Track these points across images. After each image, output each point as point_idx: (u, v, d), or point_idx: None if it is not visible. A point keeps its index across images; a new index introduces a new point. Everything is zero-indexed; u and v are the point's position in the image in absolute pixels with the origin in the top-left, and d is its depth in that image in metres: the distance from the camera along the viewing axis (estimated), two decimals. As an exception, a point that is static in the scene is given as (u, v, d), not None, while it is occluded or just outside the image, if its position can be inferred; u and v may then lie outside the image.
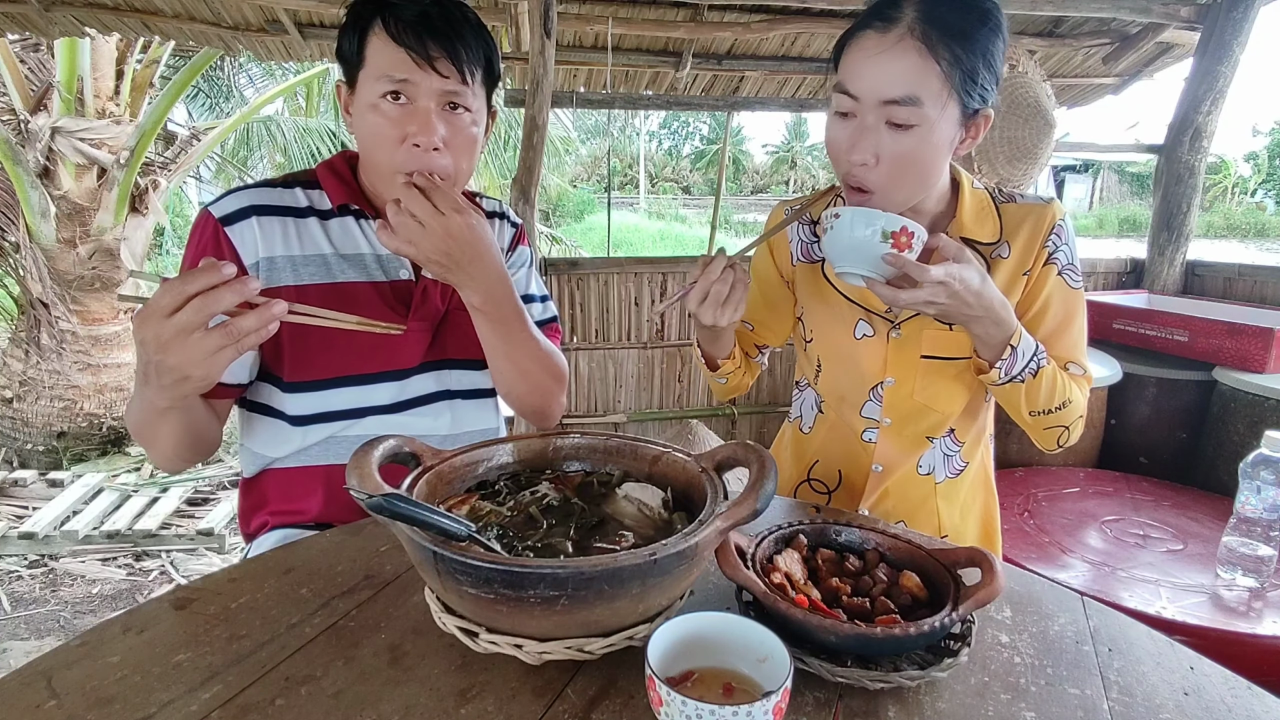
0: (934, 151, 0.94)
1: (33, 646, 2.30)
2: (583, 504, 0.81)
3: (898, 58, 0.89)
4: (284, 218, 1.05)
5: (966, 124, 0.95)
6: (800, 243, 1.19)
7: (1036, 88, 2.58)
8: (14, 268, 3.87)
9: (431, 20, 0.96)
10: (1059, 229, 1.04)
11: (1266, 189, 29.01)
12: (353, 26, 0.98)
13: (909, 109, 0.89)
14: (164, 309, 0.71)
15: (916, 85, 0.89)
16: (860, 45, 0.92)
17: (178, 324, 0.71)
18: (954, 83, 0.90)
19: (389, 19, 0.96)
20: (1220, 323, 2.51)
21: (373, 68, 0.97)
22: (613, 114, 4.02)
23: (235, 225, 1.01)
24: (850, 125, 0.95)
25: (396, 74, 0.96)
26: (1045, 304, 1.06)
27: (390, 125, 0.97)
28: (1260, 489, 1.57)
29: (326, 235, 1.07)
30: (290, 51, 2.89)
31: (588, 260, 3.17)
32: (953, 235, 1.05)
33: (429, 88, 0.97)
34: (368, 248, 1.09)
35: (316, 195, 1.08)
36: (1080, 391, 1.07)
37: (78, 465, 3.66)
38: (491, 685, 0.65)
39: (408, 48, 0.95)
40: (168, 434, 0.93)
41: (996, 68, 0.93)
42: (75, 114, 3.73)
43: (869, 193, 0.96)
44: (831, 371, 1.18)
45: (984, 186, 1.09)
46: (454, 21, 0.98)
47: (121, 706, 0.61)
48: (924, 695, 0.66)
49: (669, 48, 3.15)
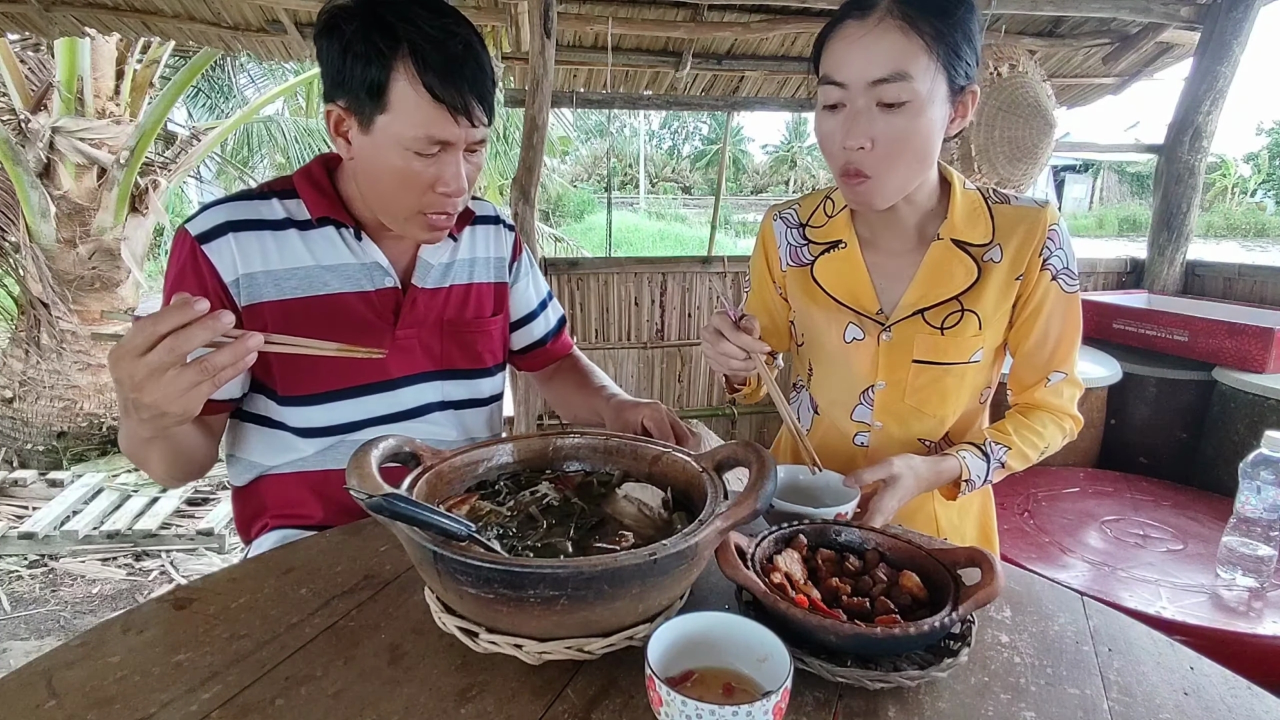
0: (928, 128, 0.93)
1: (33, 646, 2.30)
2: (583, 504, 0.81)
3: (880, 37, 0.89)
4: (261, 232, 1.01)
5: (954, 101, 0.95)
6: (789, 247, 1.18)
7: (1036, 88, 2.58)
8: (14, 268, 3.87)
9: (462, 66, 0.91)
10: (1053, 233, 1.04)
11: (1266, 189, 29.00)
12: (369, 58, 0.89)
13: (899, 85, 0.89)
14: (136, 349, 0.70)
15: (903, 61, 0.89)
16: (841, 35, 0.93)
17: (150, 363, 0.70)
18: (939, 56, 0.90)
19: (420, 65, 0.88)
20: (1220, 323, 2.51)
21: (405, 120, 0.90)
22: (613, 114, 4.01)
23: (213, 243, 0.98)
24: (840, 115, 0.95)
25: (438, 134, 0.91)
26: (1038, 309, 1.06)
27: (421, 176, 0.94)
28: (1260, 489, 1.56)
29: (307, 247, 1.03)
30: (290, 51, 2.88)
31: (588, 260, 3.17)
32: (944, 236, 1.06)
33: (462, 140, 0.95)
34: (350, 257, 1.06)
35: (294, 205, 1.04)
36: (1055, 424, 1.11)
37: (78, 465, 3.66)
38: (491, 685, 0.65)
39: (448, 105, 0.90)
40: (158, 459, 0.92)
41: (975, 43, 0.94)
42: (75, 114, 3.73)
43: (866, 178, 0.96)
44: (822, 375, 1.18)
45: (976, 187, 1.09)
46: (476, 60, 0.93)
47: (121, 706, 0.61)
48: (924, 695, 0.66)
49: (669, 48, 3.15)
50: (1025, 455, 1.07)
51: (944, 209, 1.07)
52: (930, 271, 1.06)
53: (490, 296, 1.21)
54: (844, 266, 1.12)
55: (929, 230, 1.08)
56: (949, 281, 1.06)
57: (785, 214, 1.20)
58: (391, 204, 0.99)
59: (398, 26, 0.88)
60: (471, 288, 1.18)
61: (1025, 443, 1.07)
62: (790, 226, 1.19)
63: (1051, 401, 1.10)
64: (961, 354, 1.07)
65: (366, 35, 0.89)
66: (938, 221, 1.07)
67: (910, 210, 1.06)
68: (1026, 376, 1.12)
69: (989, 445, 1.06)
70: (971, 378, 1.10)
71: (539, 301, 1.32)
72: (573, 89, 3.28)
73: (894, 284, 1.09)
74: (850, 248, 1.11)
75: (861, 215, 1.12)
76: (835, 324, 1.13)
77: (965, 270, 1.05)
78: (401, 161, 0.93)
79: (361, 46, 0.89)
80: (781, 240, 1.19)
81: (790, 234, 1.19)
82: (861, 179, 0.96)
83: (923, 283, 1.07)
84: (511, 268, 1.26)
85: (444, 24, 0.91)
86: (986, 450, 1.05)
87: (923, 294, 1.07)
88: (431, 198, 0.97)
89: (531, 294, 1.31)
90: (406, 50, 0.88)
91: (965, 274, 1.05)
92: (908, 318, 1.07)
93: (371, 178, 0.98)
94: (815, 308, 1.15)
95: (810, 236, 1.17)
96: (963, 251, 1.05)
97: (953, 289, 1.05)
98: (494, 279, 1.22)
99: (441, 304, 1.13)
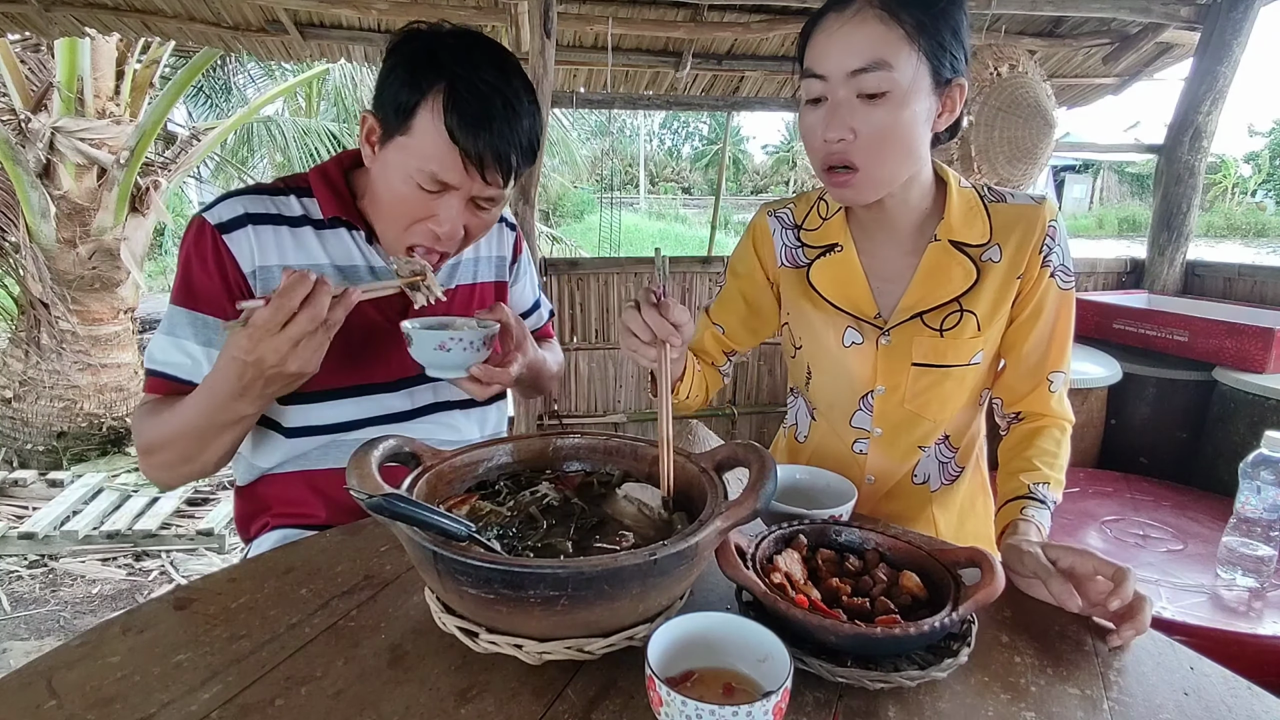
0: (911, 120, 0.92)
1: (33, 646, 2.30)
2: (583, 504, 0.81)
3: (858, 27, 0.89)
4: (279, 227, 1.02)
5: (940, 94, 0.94)
6: (785, 247, 1.16)
7: (1036, 88, 2.58)
8: (14, 268, 3.87)
9: (494, 119, 0.91)
10: (1052, 230, 1.03)
11: (1266, 189, 28.99)
12: (408, 82, 0.91)
13: (878, 74, 0.89)
14: (277, 324, 0.79)
15: (881, 49, 0.89)
16: (821, 28, 0.93)
17: (292, 335, 0.80)
18: (920, 46, 0.89)
19: (452, 106, 0.89)
20: (1220, 323, 2.51)
21: (416, 149, 0.91)
22: (613, 114, 4.01)
23: (233, 234, 0.99)
24: (822, 108, 0.94)
25: (442, 175, 0.92)
26: (1038, 308, 1.05)
27: (416, 208, 0.95)
28: (1260, 489, 1.56)
29: (322, 245, 1.05)
30: (290, 51, 2.89)
31: (588, 260, 3.17)
32: (941, 237, 1.04)
33: (467, 189, 0.95)
34: (361, 259, 1.07)
35: (311, 203, 1.06)
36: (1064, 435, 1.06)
37: (78, 465, 3.66)
38: (491, 685, 0.65)
39: (462, 150, 0.90)
40: (230, 442, 0.95)
41: (963, 35, 0.93)
42: (75, 114, 3.73)
43: (853, 170, 0.94)
44: (821, 379, 1.15)
45: (971, 185, 1.08)
46: (512, 122, 0.93)
47: (121, 706, 0.61)
48: (924, 695, 0.66)
49: (669, 48, 3.15)
50: (1061, 483, 1.02)
51: (940, 209, 1.06)
52: (928, 273, 1.05)
53: (492, 296, 1.22)
54: (840, 270, 1.10)
55: (925, 231, 1.06)
56: (947, 283, 1.04)
57: (780, 213, 1.18)
58: (385, 221, 1.02)
59: (447, 65, 0.90)
60: (475, 288, 1.20)
61: (1057, 470, 1.02)
62: (785, 227, 1.17)
63: (1057, 410, 1.08)
64: (961, 356, 1.05)
65: (415, 60, 0.92)
66: (934, 222, 1.06)
67: (905, 211, 1.05)
68: (1022, 383, 1.08)
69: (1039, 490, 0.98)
70: (971, 380, 1.08)
71: (534, 300, 1.34)
72: (573, 89, 3.28)
73: (891, 287, 1.08)
74: (846, 251, 1.10)
75: (856, 218, 1.10)
76: (833, 328, 1.11)
77: (964, 272, 1.04)
78: (404, 187, 0.94)
79: (406, 69, 0.91)
80: (777, 239, 1.17)
81: (785, 234, 1.17)
82: (846, 174, 0.95)
83: (921, 285, 1.05)
84: (512, 268, 1.27)
85: (496, 80, 0.92)
86: (1040, 497, 0.98)
87: (921, 296, 1.05)
88: (421, 230, 0.97)
89: (529, 293, 1.33)
90: (444, 88, 0.90)
91: (964, 275, 1.04)
92: (906, 321, 1.06)
93: (376, 192, 1.01)
94: (813, 312, 1.13)
95: (805, 239, 1.15)
96: (961, 253, 1.04)
97: (951, 291, 1.04)
98: (495, 278, 1.23)
99: (446, 306, 1.14)
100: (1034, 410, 1.09)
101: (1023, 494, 0.98)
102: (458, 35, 0.95)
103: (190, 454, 0.95)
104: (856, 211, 1.10)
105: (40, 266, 3.71)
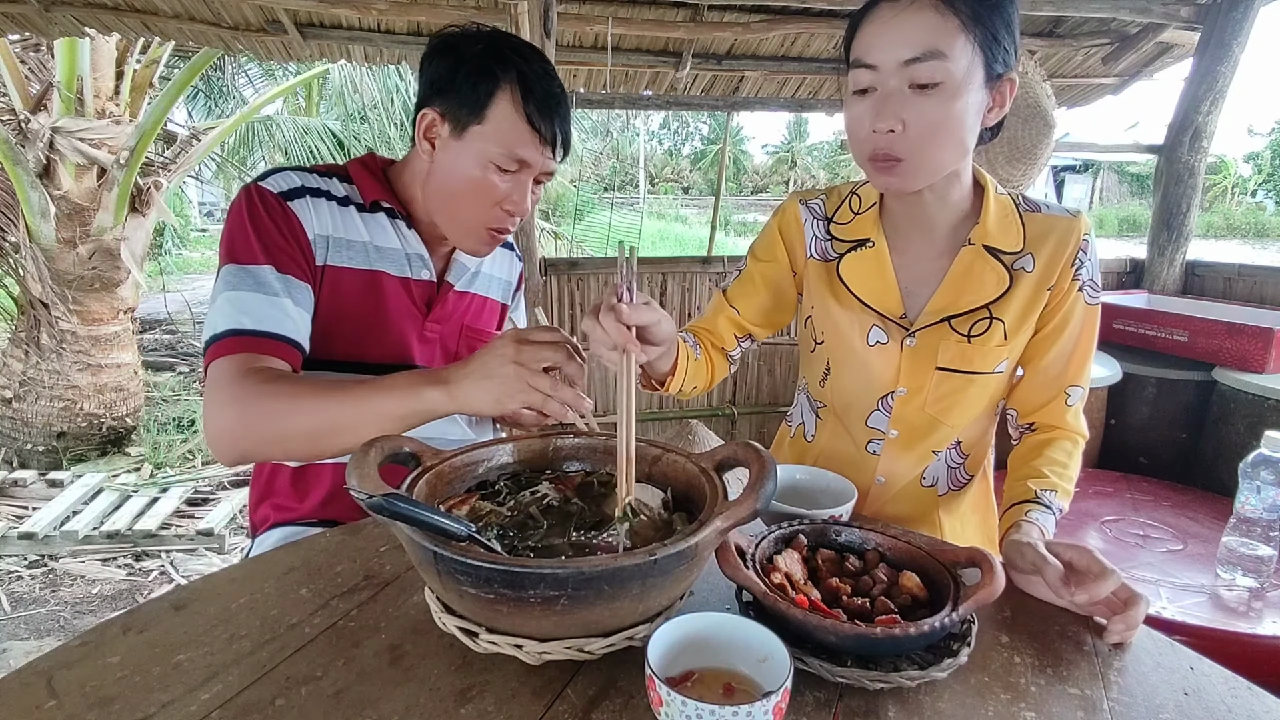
0: (962, 112, 0.89)
1: (33, 646, 2.30)
2: (583, 504, 0.81)
3: (914, 15, 0.87)
4: (330, 201, 1.06)
5: (992, 89, 0.92)
6: (815, 239, 1.14)
7: (1036, 88, 2.58)
8: (14, 268, 3.86)
9: (557, 105, 1.02)
10: (1085, 244, 1.01)
11: (1267, 189, 28.99)
12: (480, 75, 0.99)
13: (932, 64, 0.86)
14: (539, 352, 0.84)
15: (938, 39, 0.86)
16: (873, 18, 0.90)
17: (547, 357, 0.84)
18: (975, 37, 0.87)
19: (527, 93, 0.99)
20: (1220, 323, 2.51)
21: (496, 134, 0.99)
22: (612, 114, 4.01)
23: (296, 201, 1.02)
24: (870, 99, 0.92)
25: (523, 154, 1.01)
26: (1064, 321, 1.03)
27: (496, 190, 1.02)
28: (1260, 489, 1.56)
29: (364, 225, 1.08)
30: (290, 51, 2.89)
31: (588, 260, 3.18)
32: (975, 241, 1.02)
33: (539, 166, 1.03)
34: (399, 243, 1.11)
35: (351, 188, 1.10)
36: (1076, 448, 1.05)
37: (78, 465, 3.65)
38: (491, 685, 0.65)
39: (539, 132, 1.00)
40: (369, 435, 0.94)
41: (1014, 29, 0.91)
42: (75, 114, 3.72)
43: (898, 161, 0.92)
44: (840, 377, 1.13)
45: (1007, 194, 1.06)
46: (565, 106, 1.04)
47: (121, 706, 0.61)
48: (924, 695, 0.66)
49: (669, 48, 3.15)
50: (1069, 494, 1.01)
51: (975, 213, 1.03)
52: (959, 277, 1.03)
53: (496, 314, 1.28)
54: (870, 267, 1.08)
55: (959, 234, 1.04)
56: (980, 289, 1.02)
57: (812, 204, 1.15)
58: (459, 211, 1.06)
59: (510, 58, 1.00)
60: (486, 301, 1.25)
61: (1066, 480, 1.01)
62: (817, 218, 1.14)
63: (1072, 424, 1.07)
64: (987, 364, 1.03)
65: (484, 56, 1.00)
66: (968, 225, 1.03)
67: (942, 210, 1.03)
68: (1039, 395, 1.07)
69: (1045, 496, 0.97)
70: (993, 388, 1.07)
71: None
72: (573, 89, 3.28)
73: (921, 288, 1.06)
74: (878, 247, 1.07)
75: (890, 214, 1.08)
76: (858, 326, 1.08)
77: (997, 278, 1.02)
78: (480, 172, 1.01)
79: (476, 63, 1.00)
80: (808, 228, 1.14)
81: (816, 225, 1.14)
82: (891, 162, 0.92)
83: (951, 288, 1.03)
84: (514, 296, 1.34)
85: (546, 69, 1.03)
86: (1046, 503, 0.97)
87: (951, 300, 1.03)
88: (496, 213, 1.04)
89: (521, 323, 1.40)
90: (515, 78, 0.99)
91: (997, 282, 1.01)
92: (934, 324, 1.03)
93: (446, 183, 1.04)
94: (838, 307, 1.10)
95: (835, 233, 1.12)
96: (994, 259, 1.02)
97: (984, 297, 1.02)
98: (500, 298, 1.29)
99: (465, 307, 1.19)
100: (1048, 422, 1.08)
101: (1029, 498, 0.97)
102: (503, 35, 1.03)
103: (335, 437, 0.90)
104: (891, 208, 1.08)
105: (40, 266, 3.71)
